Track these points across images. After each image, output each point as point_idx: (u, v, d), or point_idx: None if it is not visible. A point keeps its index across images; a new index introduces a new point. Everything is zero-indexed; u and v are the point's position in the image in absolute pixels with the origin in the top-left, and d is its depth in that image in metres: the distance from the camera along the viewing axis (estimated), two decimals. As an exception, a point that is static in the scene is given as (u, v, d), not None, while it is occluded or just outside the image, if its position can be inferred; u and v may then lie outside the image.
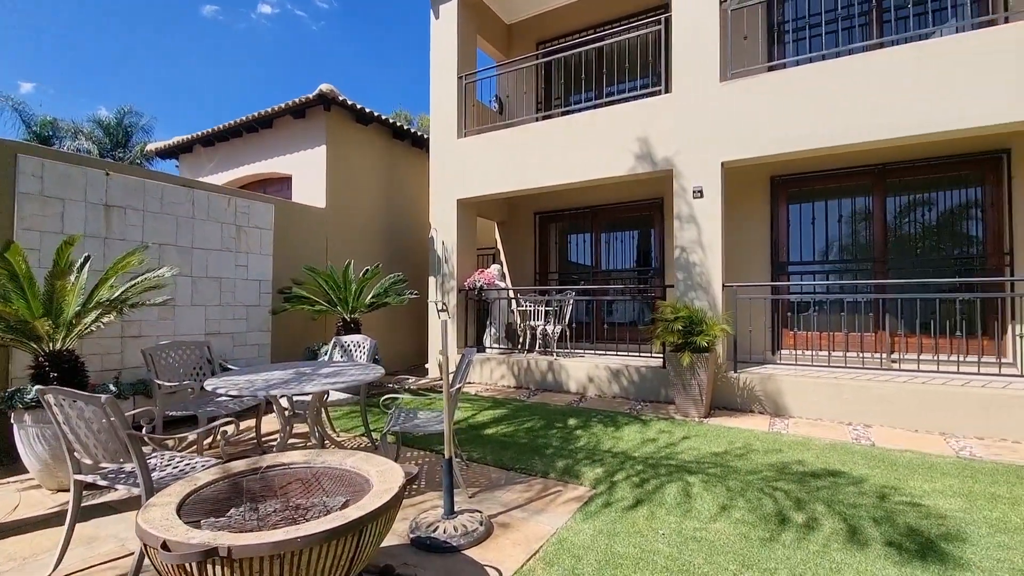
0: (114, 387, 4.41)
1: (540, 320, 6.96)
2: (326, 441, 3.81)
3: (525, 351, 7.10)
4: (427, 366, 7.64)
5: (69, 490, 2.43)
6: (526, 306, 7.23)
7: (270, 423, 4.74)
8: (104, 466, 2.42)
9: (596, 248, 8.39)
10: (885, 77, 4.83)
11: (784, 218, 6.69)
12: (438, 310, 4.49)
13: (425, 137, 8.64)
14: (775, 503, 2.97)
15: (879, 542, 2.51)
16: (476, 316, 7.51)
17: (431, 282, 7.49)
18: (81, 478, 2.42)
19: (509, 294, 7.60)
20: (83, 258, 3.78)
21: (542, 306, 6.97)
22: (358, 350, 4.80)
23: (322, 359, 5.57)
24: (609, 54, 7.69)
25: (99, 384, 4.43)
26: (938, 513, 2.82)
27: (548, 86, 8.84)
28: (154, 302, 4.33)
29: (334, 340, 4.98)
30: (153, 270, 4.09)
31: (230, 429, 3.19)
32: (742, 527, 2.68)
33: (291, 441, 4.21)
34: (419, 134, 8.93)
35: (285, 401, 3.79)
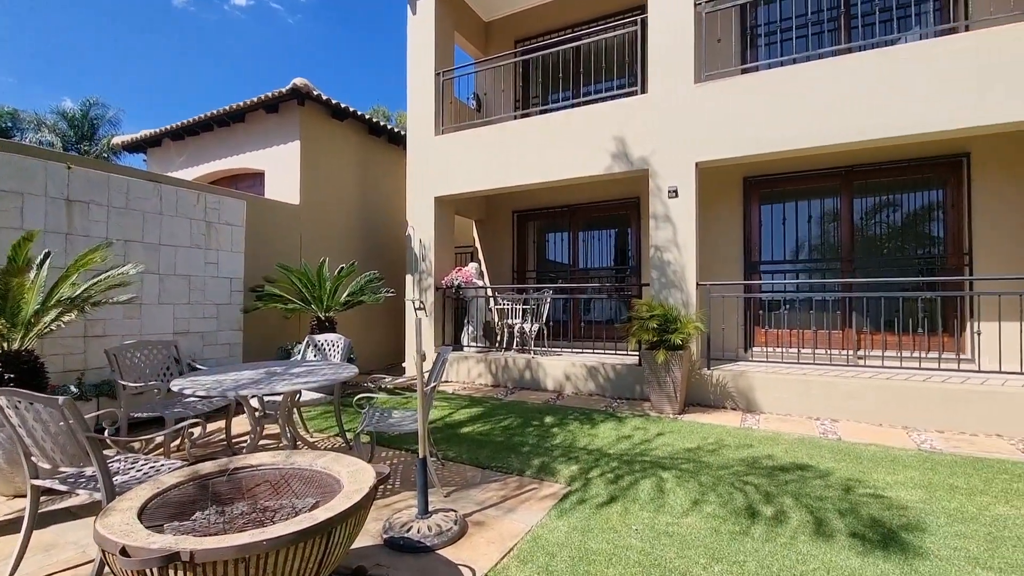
0: (76, 388, 4.27)
1: (518, 318, 6.96)
2: (298, 442, 3.75)
3: (503, 349, 7.10)
4: (404, 365, 7.58)
5: (26, 495, 2.34)
6: (504, 304, 7.22)
7: (242, 425, 4.64)
8: (63, 470, 2.34)
9: (574, 247, 8.43)
10: (853, 81, 4.96)
11: (756, 218, 6.83)
12: (415, 308, 4.46)
13: (402, 134, 8.56)
14: (745, 497, 3.03)
15: (844, 533, 2.58)
16: (454, 314, 7.47)
17: (408, 280, 7.42)
18: (39, 483, 2.33)
19: (487, 292, 7.59)
20: (43, 254, 3.64)
21: (520, 304, 6.98)
22: (332, 349, 4.73)
23: (295, 358, 5.48)
24: (586, 54, 7.73)
25: (60, 385, 4.28)
26: (900, 504, 2.91)
27: (526, 84, 8.84)
28: (118, 300, 4.20)
29: (307, 339, 4.90)
30: (117, 267, 3.97)
31: (197, 431, 3.10)
32: (713, 521, 2.73)
33: (263, 442, 4.13)
34: (396, 130, 8.84)
35: (256, 401, 3.71)
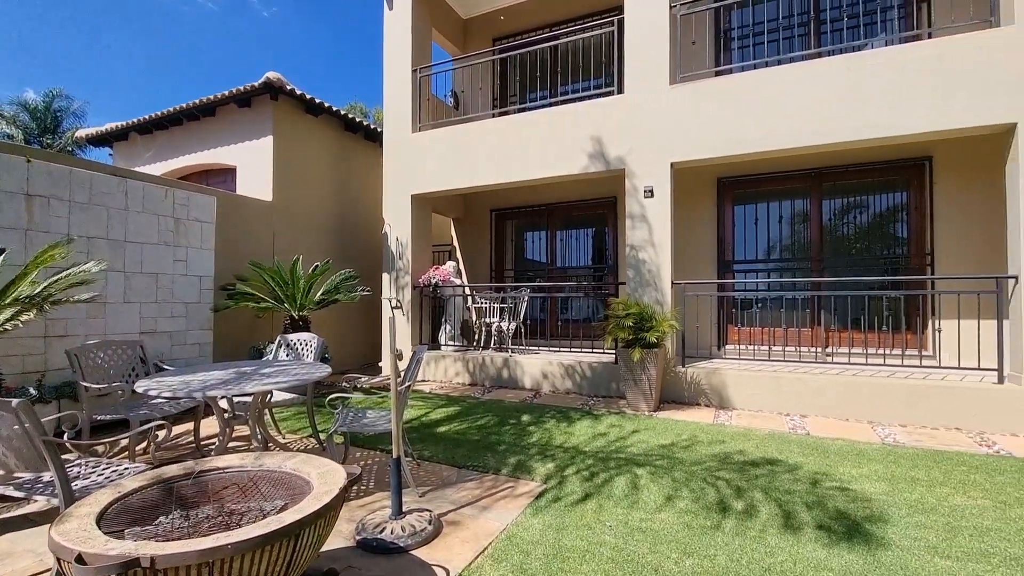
0: (35, 390, 4.12)
1: (495, 317, 6.95)
2: (270, 444, 3.68)
3: (480, 348, 7.08)
4: (381, 364, 7.50)
5: (-23, 503, 2.24)
6: (482, 303, 7.20)
7: (212, 427, 4.52)
8: (19, 476, 2.25)
9: (552, 245, 8.45)
10: (822, 85, 5.08)
11: (730, 218, 6.95)
12: (392, 306, 4.41)
13: (379, 130, 8.45)
14: (717, 492, 3.09)
15: (811, 526, 2.64)
16: (431, 313, 7.42)
17: (385, 278, 7.34)
18: (-9, 489, 2.23)
19: (465, 291, 7.56)
20: (-2, 251, 3.50)
21: (498, 303, 6.97)
22: (305, 349, 4.65)
23: (267, 359, 5.37)
24: (564, 53, 7.75)
25: (18, 388, 4.12)
26: (864, 497, 3.00)
27: (504, 83, 8.82)
28: (80, 299, 4.04)
29: (279, 339, 4.80)
30: (80, 264, 3.83)
31: (163, 433, 3.02)
32: (686, 516, 2.77)
33: (233, 444, 4.03)
34: (372, 127, 8.72)
35: (225, 402, 3.63)
